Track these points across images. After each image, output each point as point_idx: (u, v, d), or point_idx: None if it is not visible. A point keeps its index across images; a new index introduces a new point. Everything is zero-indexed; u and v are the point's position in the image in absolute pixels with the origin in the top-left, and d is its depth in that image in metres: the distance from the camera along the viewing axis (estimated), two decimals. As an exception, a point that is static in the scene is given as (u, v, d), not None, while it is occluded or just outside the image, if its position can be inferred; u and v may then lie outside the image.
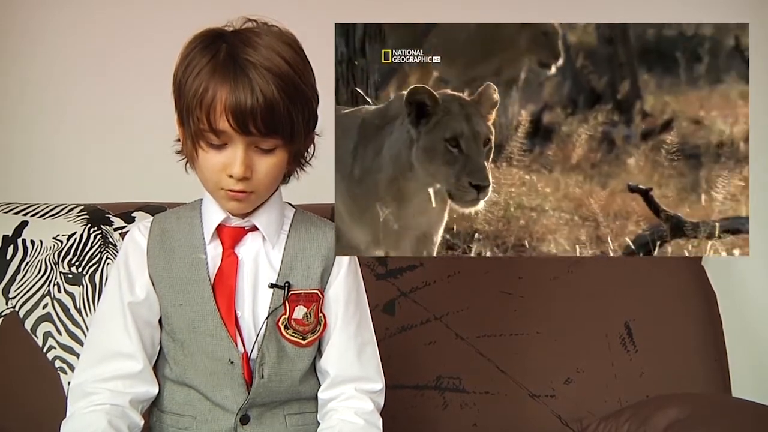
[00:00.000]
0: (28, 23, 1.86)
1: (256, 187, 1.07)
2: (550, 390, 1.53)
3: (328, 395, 1.15)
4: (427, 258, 1.59)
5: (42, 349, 1.48)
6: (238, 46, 1.03)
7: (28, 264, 1.52)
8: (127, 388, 1.10)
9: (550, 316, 1.57)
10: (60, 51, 1.86)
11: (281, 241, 1.15)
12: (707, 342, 1.57)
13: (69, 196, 1.64)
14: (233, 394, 1.11)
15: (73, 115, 1.85)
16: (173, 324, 1.13)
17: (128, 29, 1.85)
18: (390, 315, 1.56)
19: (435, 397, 1.52)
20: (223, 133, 1.03)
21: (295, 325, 1.12)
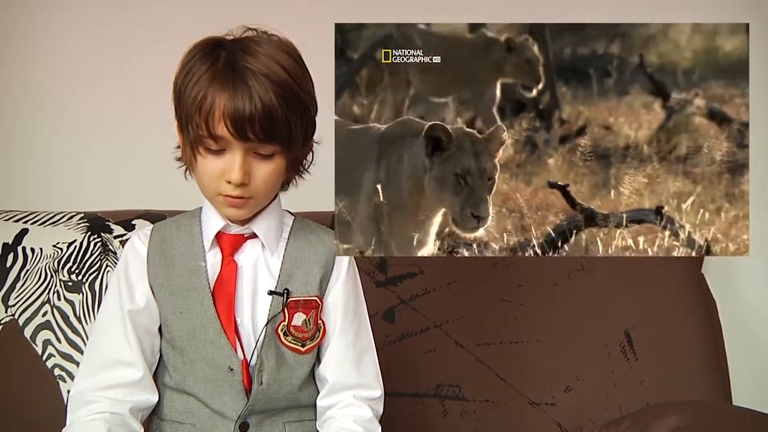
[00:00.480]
0: (29, 26, 1.86)
1: (254, 193, 1.07)
2: (550, 398, 1.52)
3: (327, 402, 1.15)
4: (427, 265, 1.59)
5: (41, 357, 1.48)
6: (238, 54, 1.04)
7: (28, 272, 1.52)
8: (127, 396, 1.10)
9: (549, 324, 1.57)
10: (61, 55, 1.86)
11: (280, 249, 1.15)
12: (707, 349, 1.57)
13: (69, 203, 1.64)
14: (233, 401, 1.11)
15: (74, 122, 1.86)
16: (173, 331, 1.13)
17: (129, 36, 1.86)
18: (390, 322, 1.56)
19: (435, 405, 1.52)
20: (222, 139, 1.03)
21: (295, 332, 1.13)
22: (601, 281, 1.60)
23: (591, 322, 1.57)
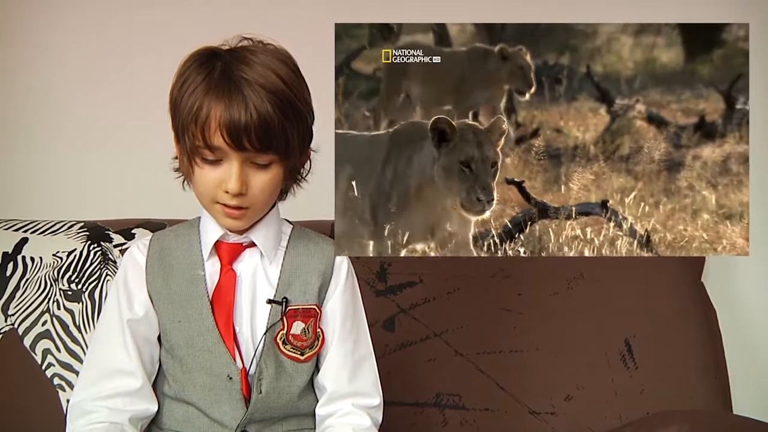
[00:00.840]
0: (29, 35, 1.87)
1: (252, 202, 1.07)
2: (550, 407, 1.52)
3: (326, 411, 1.15)
4: (426, 274, 1.59)
5: (41, 367, 1.48)
6: (233, 64, 1.04)
7: (28, 281, 1.52)
8: (127, 406, 1.10)
9: (549, 333, 1.57)
10: (61, 63, 1.87)
11: (279, 257, 1.15)
12: (707, 358, 1.56)
13: (69, 212, 1.65)
14: (232, 409, 1.11)
15: (74, 131, 1.87)
16: (172, 340, 1.13)
17: (128, 45, 1.87)
18: (389, 332, 1.56)
19: (435, 414, 1.51)
20: (218, 149, 1.03)
21: (293, 341, 1.13)
22: (601, 290, 1.60)
23: (591, 330, 1.57)
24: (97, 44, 1.87)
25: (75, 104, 1.86)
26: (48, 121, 1.87)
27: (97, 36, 1.87)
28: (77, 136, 1.86)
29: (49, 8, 1.88)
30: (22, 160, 1.86)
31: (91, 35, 1.87)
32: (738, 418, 1.39)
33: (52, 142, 1.87)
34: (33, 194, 1.85)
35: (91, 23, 1.87)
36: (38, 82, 1.87)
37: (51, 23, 1.87)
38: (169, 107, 1.08)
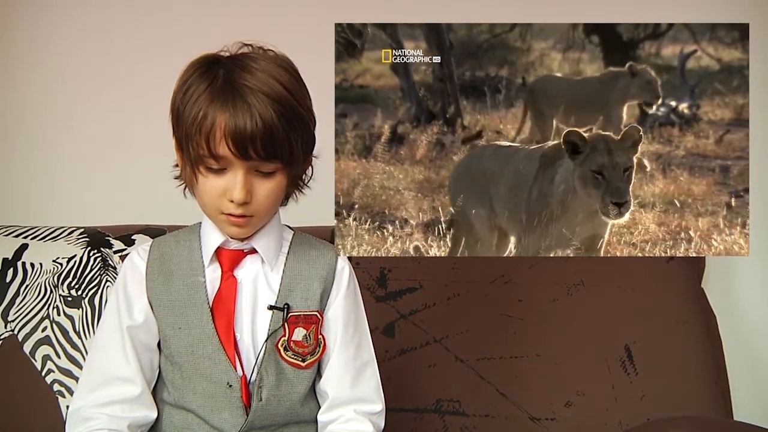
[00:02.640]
0: (30, 42, 1.87)
1: (256, 210, 1.07)
2: (550, 413, 1.52)
3: (328, 417, 1.15)
4: (426, 280, 1.59)
5: (41, 373, 1.48)
6: (235, 71, 1.04)
7: (28, 287, 1.52)
8: (126, 413, 1.10)
9: (550, 339, 1.57)
10: (60, 71, 1.88)
11: (280, 263, 1.15)
12: (708, 364, 1.56)
13: (69, 218, 1.65)
14: (232, 417, 1.11)
15: (74, 137, 1.87)
16: (172, 347, 1.13)
17: (129, 52, 1.87)
18: (390, 337, 1.56)
19: (435, 420, 1.51)
20: (223, 159, 1.03)
21: (295, 347, 1.12)
22: (601, 296, 1.60)
23: (591, 337, 1.57)
24: (98, 51, 1.87)
25: (75, 111, 1.86)
26: (48, 127, 1.87)
27: (98, 43, 1.87)
28: (77, 143, 1.86)
29: (48, 15, 1.88)
30: (23, 166, 1.86)
31: (91, 42, 1.87)
32: (738, 423, 1.39)
33: (53, 149, 1.87)
34: (33, 200, 1.85)
35: (91, 30, 1.88)
36: (38, 89, 1.87)
37: (51, 30, 1.88)
38: (170, 116, 1.08)
